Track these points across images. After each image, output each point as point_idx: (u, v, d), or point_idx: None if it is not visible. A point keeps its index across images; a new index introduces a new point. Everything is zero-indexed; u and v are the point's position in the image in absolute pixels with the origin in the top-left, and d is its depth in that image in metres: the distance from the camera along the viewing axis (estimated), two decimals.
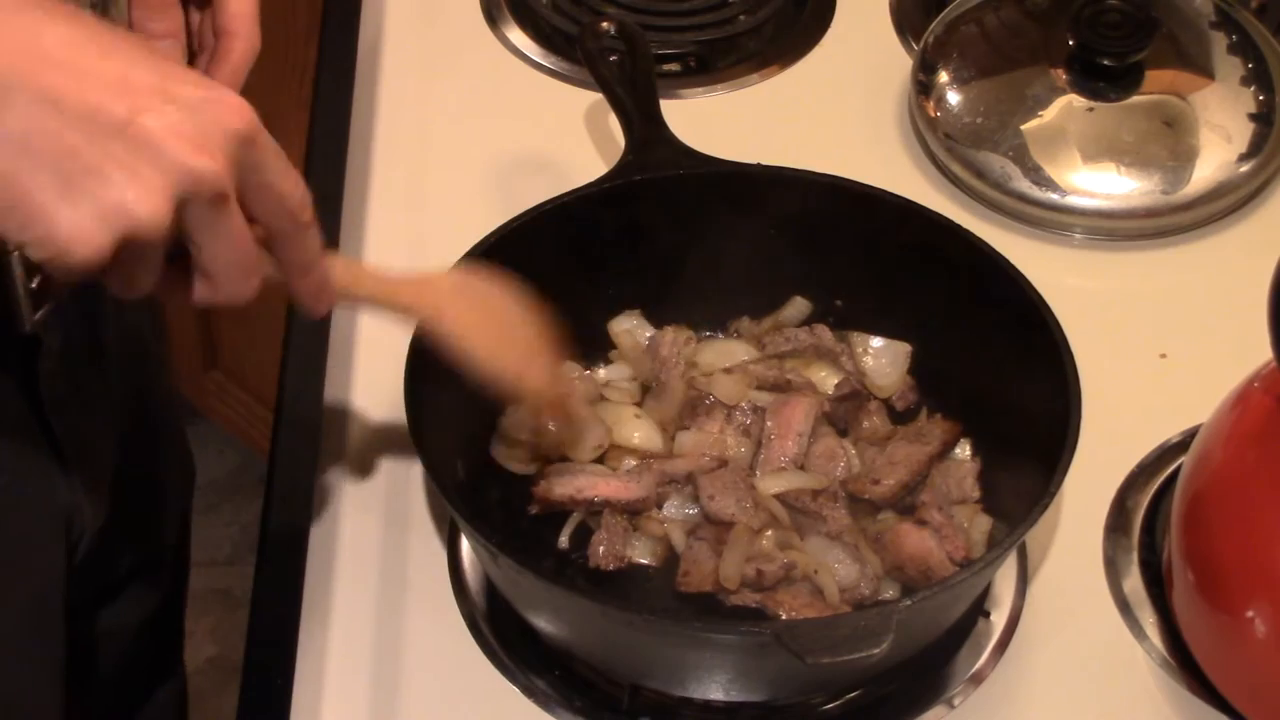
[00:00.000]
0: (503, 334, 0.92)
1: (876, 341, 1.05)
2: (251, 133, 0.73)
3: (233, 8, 0.92)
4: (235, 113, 0.72)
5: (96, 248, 0.69)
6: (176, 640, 1.32)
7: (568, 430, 0.99)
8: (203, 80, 0.73)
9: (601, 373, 1.05)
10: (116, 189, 0.68)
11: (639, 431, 1.01)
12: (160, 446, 1.17)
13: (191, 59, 0.93)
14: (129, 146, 0.69)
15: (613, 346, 1.06)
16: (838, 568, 0.94)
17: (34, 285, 0.86)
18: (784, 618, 0.92)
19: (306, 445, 1.03)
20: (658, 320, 1.07)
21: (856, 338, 1.05)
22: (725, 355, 1.05)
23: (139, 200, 0.69)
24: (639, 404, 1.03)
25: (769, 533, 0.96)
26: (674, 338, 1.04)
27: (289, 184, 0.76)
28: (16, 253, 0.82)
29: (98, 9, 0.89)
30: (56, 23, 0.69)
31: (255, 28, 0.92)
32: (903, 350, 1.04)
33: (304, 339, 1.10)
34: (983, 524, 0.97)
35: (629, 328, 1.06)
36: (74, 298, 0.93)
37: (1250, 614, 0.89)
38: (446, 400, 0.93)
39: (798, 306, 1.07)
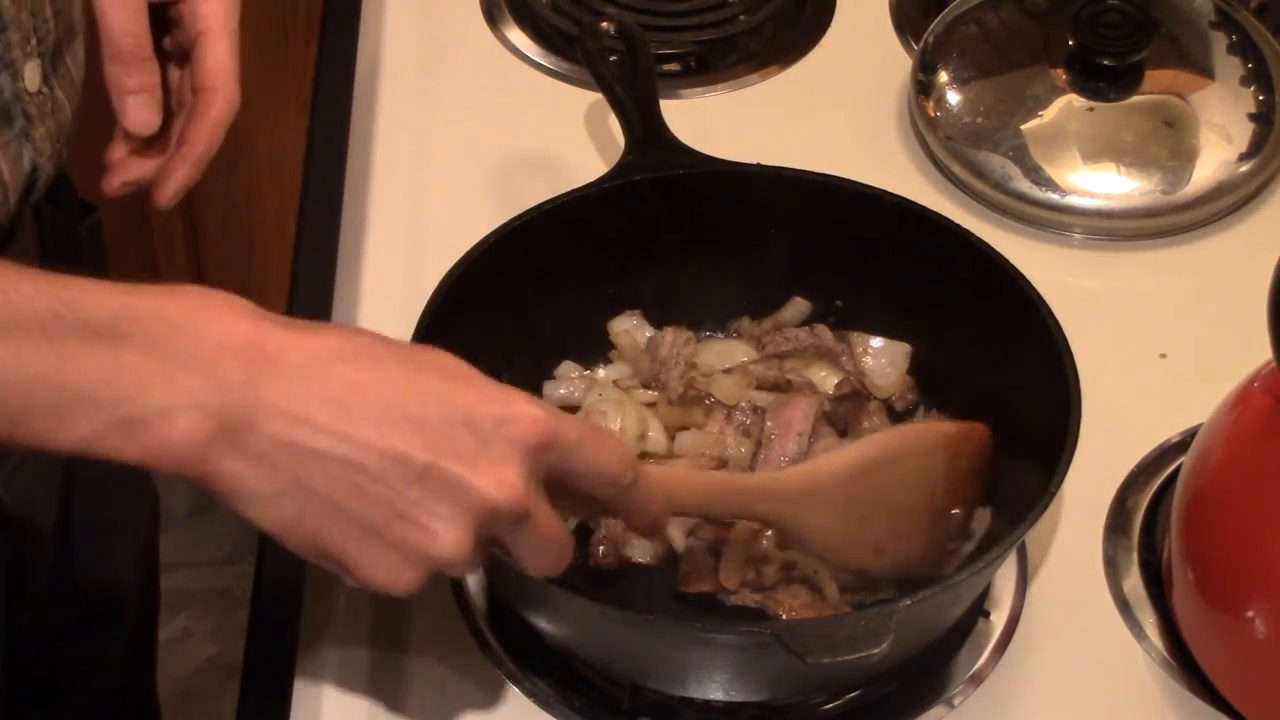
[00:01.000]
0: (863, 525, 0.91)
1: (876, 342, 1.04)
2: (548, 440, 0.72)
3: (211, 63, 0.91)
4: (530, 428, 0.72)
5: (409, 586, 0.72)
6: (148, 681, 1.30)
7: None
8: (493, 394, 0.72)
9: (601, 373, 1.05)
10: (422, 535, 0.70)
11: (648, 431, 1.01)
12: (114, 487, 1.15)
13: (170, 116, 0.93)
14: (431, 491, 0.70)
15: (612, 346, 1.06)
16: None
17: None
18: (784, 618, 0.92)
19: None
20: (657, 320, 1.06)
21: (856, 338, 1.05)
22: (725, 356, 1.05)
23: (444, 543, 0.71)
24: (651, 405, 1.03)
25: (769, 533, 0.95)
26: (674, 338, 1.04)
27: (601, 460, 0.75)
28: None
29: (45, 59, 0.89)
30: (346, 365, 0.70)
31: (234, 83, 0.92)
32: (902, 350, 1.04)
33: None
34: (983, 518, 0.97)
35: (628, 328, 1.06)
36: None
37: (1250, 614, 0.89)
38: None
39: (798, 307, 1.07)
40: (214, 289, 0.71)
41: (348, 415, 0.69)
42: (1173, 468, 1.03)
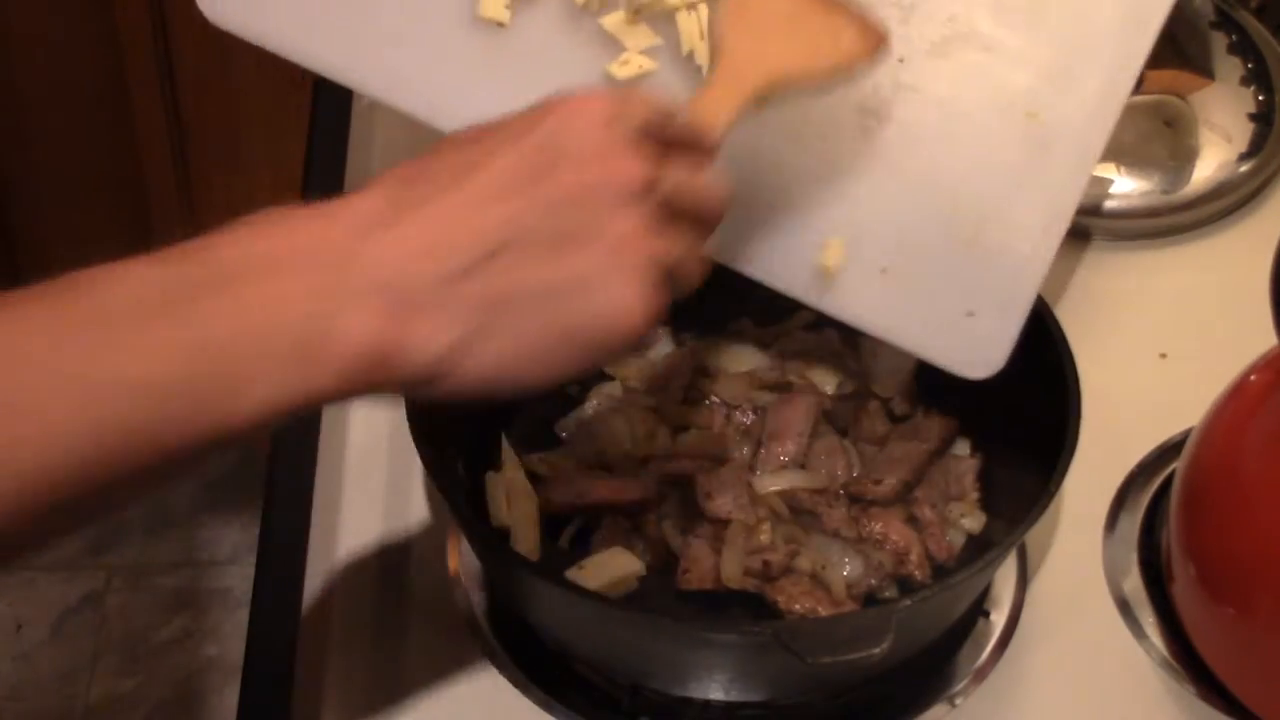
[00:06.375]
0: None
1: (884, 349, 1.04)
2: (607, 105, 0.71)
3: None
4: (589, 103, 0.70)
5: (639, 304, 0.69)
6: None
7: None
8: (531, 115, 0.71)
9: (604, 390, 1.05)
10: (605, 250, 0.68)
11: (656, 433, 1.01)
12: None
13: None
14: (576, 215, 0.68)
15: None
16: (846, 562, 0.94)
17: None
18: (780, 602, 0.92)
19: (306, 445, 1.03)
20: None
21: (865, 341, 1.05)
22: (737, 360, 1.05)
23: (626, 239, 0.69)
24: (652, 409, 1.03)
25: (766, 525, 0.95)
26: (687, 353, 1.04)
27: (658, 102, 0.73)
28: None
29: None
30: (425, 186, 0.69)
31: None
32: (908, 359, 1.04)
33: None
34: (979, 520, 0.97)
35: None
36: None
37: (1252, 602, 0.89)
38: (447, 400, 0.93)
39: (802, 318, 1.06)
40: (255, 214, 0.69)
41: (464, 220, 0.67)
42: (1172, 467, 1.03)
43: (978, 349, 0.92)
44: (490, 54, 0.94)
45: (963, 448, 1.01)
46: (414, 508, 1.01)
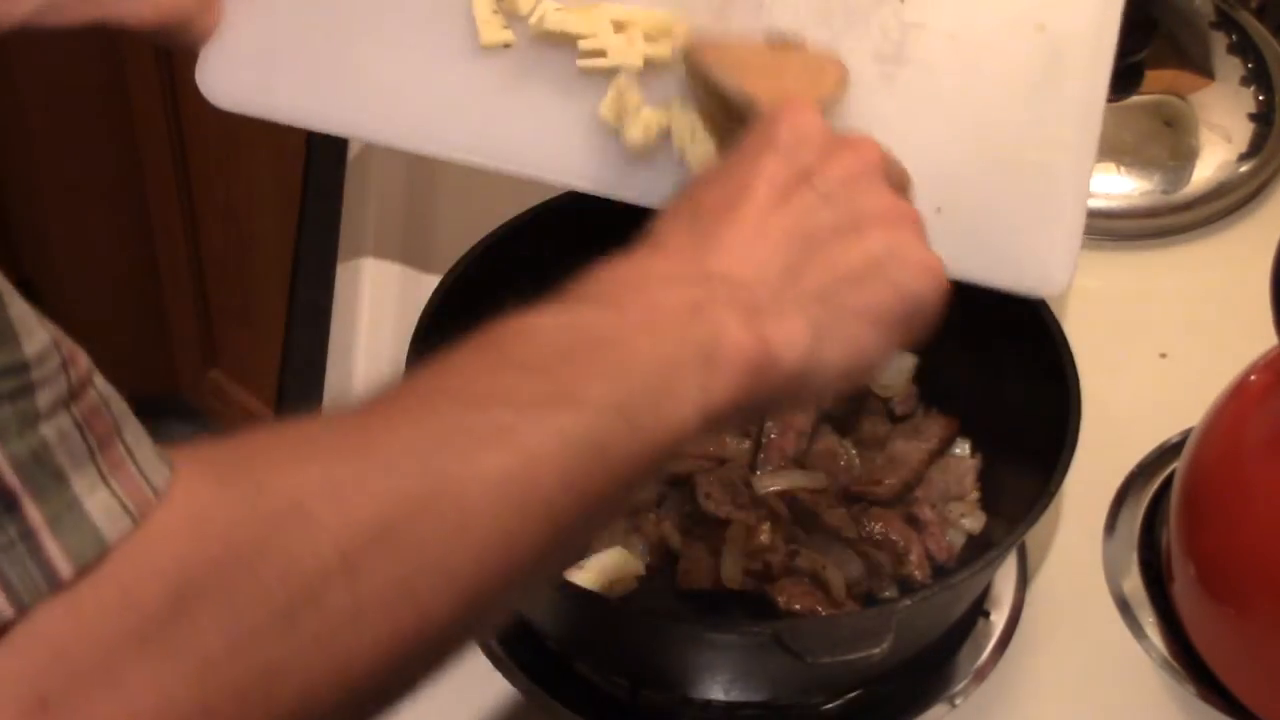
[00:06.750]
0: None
1: None
2: (804, 113, 0.77)
3: None
4: (794, 123, 0.76)
5: (935, 262, 0.75)
6: None
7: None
8: (775, 125, 0.76)
9: None
10: (895, 219, 0.74)
11: None
12: None
13: None
14: (854, 198, 0.74)
15: None
16: (846, 562, 0.94)
17: None
18: (780, 602, 0.92)
19: None
20: None
21: None
22: None
23: (904, 207, 0.75)
24: None
25: (766, 525, 0.95)
26: None
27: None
28: None
29: None
30: (732, 210, 0.73)
31: None
32: (909, 360, 1.04)
33: (304, 339, 1.10)
34: (979, 520, 0.97)
35: None
36: None
37: (1253, 603, 0.89)
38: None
39: None
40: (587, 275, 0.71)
41: (765, 232, 0.72)
42: (1172, 468, 1.03)
43: (1042, 268, 0.92)
44: (504, 78, 0.94)
45: (963, 448, 1.01)
46: None
